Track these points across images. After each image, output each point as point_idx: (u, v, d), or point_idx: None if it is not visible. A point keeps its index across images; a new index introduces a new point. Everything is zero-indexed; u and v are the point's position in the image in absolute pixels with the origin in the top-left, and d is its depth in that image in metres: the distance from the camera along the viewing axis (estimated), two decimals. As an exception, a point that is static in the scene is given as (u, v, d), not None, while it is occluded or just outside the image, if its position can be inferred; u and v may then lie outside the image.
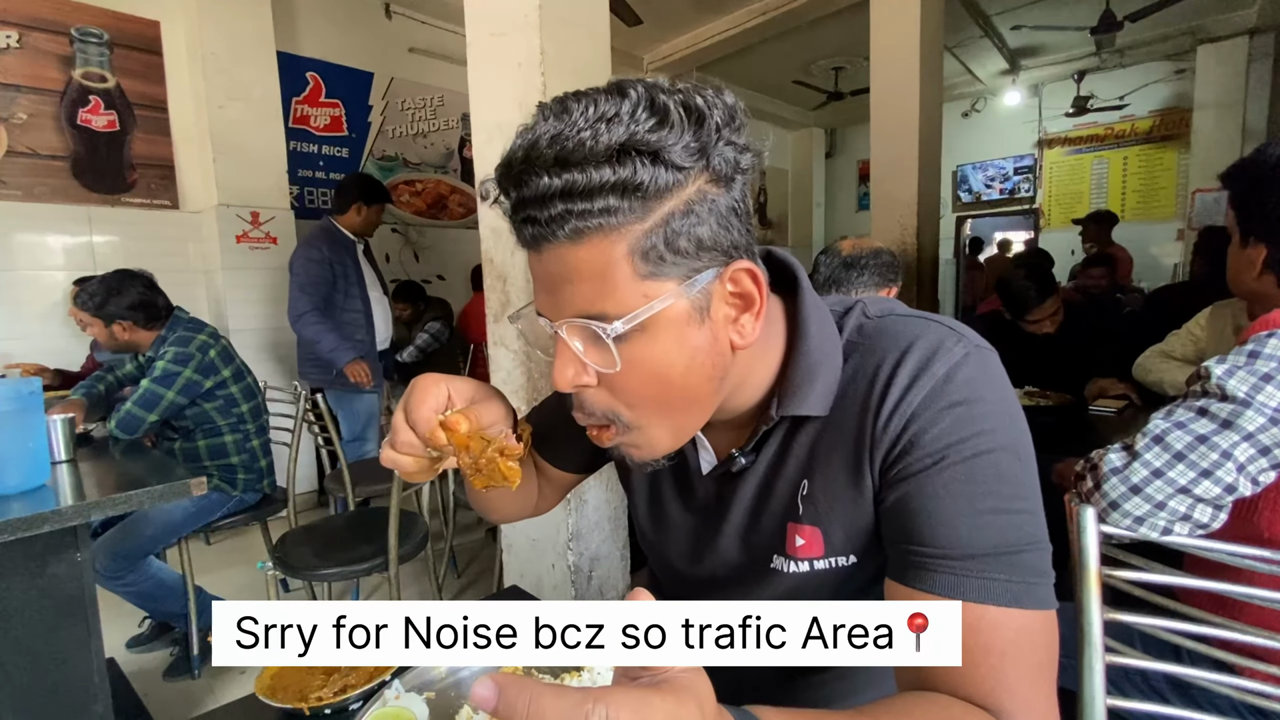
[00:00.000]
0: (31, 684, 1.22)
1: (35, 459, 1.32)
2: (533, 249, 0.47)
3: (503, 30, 1.64)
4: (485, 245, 1.80)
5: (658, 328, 0.46)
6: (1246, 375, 0.80)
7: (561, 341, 0.47)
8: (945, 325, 0.53)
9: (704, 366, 0.49)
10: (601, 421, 0.51)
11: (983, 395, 0.49)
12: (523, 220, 0.46)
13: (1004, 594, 0.46)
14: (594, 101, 0.43)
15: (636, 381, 0.48)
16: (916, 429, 0.49)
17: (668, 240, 0.45)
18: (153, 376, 1.93)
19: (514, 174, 0.45)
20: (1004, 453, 0.49)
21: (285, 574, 1.74)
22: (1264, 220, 0.97)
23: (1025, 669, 0.46)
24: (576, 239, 0.44)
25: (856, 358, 0.55)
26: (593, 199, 0.43)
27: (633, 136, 0.42)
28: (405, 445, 0.54)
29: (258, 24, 3.35)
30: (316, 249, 2.77)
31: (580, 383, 0.49)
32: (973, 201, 7.28)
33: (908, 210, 3.63)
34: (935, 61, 3.69)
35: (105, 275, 2.04)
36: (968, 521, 0.47)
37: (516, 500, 0.76)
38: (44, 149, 2.97)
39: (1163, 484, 0.81)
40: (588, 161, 0.42)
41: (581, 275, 0.45)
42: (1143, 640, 0.93)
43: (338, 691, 0.64)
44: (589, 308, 0.46)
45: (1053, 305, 2.15)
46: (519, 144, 0.44)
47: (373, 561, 1.71)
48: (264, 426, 2.24)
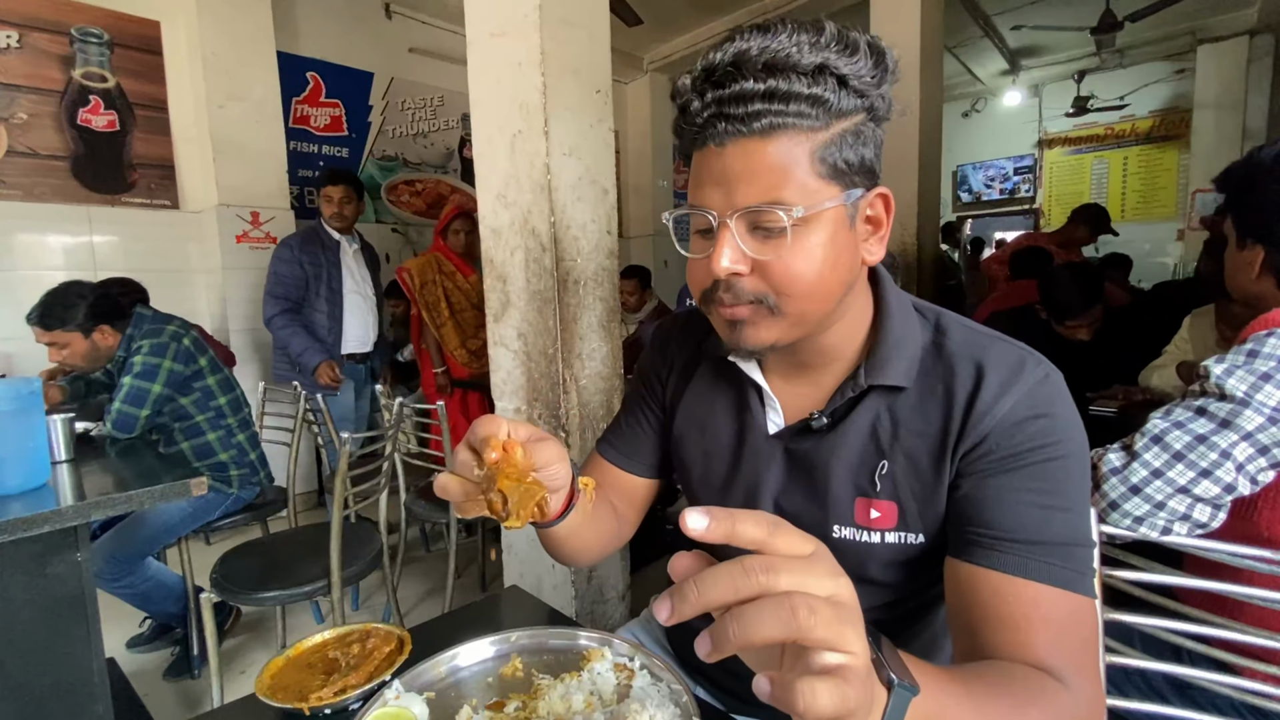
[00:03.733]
0: (31, 684, 1.22)
1: (35, 459, 1.32)
2: (716, 144, 0.53)
3: (503, 30, 1.64)
4: (485, 245, 1.80)
5: (820, 223, 0.54)
6: (1245, 374, 0.80)
7: (728, 230, 0.54)
8: (1023, 348, 0.61)
9: (842, 268, 0.57)
10: (748, 301, 0.56)
11: (1059, 411, 0.57)
12: (714, 116, 0.52)
13: (1060, 578, 0.52)
14: (798, 26, 0.51)
15: (794, 267, 0.54)
16: (1002, 431, 0.56)
17: (841, 152, 0.53)
18: (134, 373, 1.87)
19: (716, 77, 0.52)
20: (1072, 460, 0.56)
21: (223, 596, 1.59)
22: (1261, 222, 0.97)
23: (1079, 642, 0.52)
24: (768, 135, 0.52)
25: (945, 356, 0.61)
26: (788, 103, 0.51)
27: (828, 60, 0.51)
28: (460, 465, 0.54)
29: (258, 24, 3.35)
30: (287, 246, 2.77)
31: (736, 269, 0.54)
32: (973, 201, 7.28)
33: (908, 210, 3.63)
34: (935, 61, 3.70)
35: (52, 291, 1.89)
36: (1035, 514, 0.54)
37: (598, 537, 0.74)
38: (44, 149, 2.96)
39: (1162, 484, 0.81)
40: (791, 71, 0.50)
41: (768, 167, 0.52)
42: (1143, 640, 0.93)
43: (338, 691, 0.64)
44: (767, 196, 0.52)
45: (1095, 314, 2.03)
46: (723, 53, 0.52)
47: (317, 584, 1.60)
48: (246, 420, 2.18)
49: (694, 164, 0.57)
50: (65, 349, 1.89)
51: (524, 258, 1.68)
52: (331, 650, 0.73)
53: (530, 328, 1.70)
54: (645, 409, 0.81)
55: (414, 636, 0.73)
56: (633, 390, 0.83)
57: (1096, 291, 2.03)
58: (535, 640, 0.70)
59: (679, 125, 0.57)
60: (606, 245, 1.76)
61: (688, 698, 0.57)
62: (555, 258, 1.62)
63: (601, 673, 0.63)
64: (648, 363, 0.82)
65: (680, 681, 0.59)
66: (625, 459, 0.80)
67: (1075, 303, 2.02)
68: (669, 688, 0.60)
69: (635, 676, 0.63)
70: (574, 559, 0.75)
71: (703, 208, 0.55)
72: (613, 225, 1.79)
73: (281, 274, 2.75)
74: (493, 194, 1.75)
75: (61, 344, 1.89)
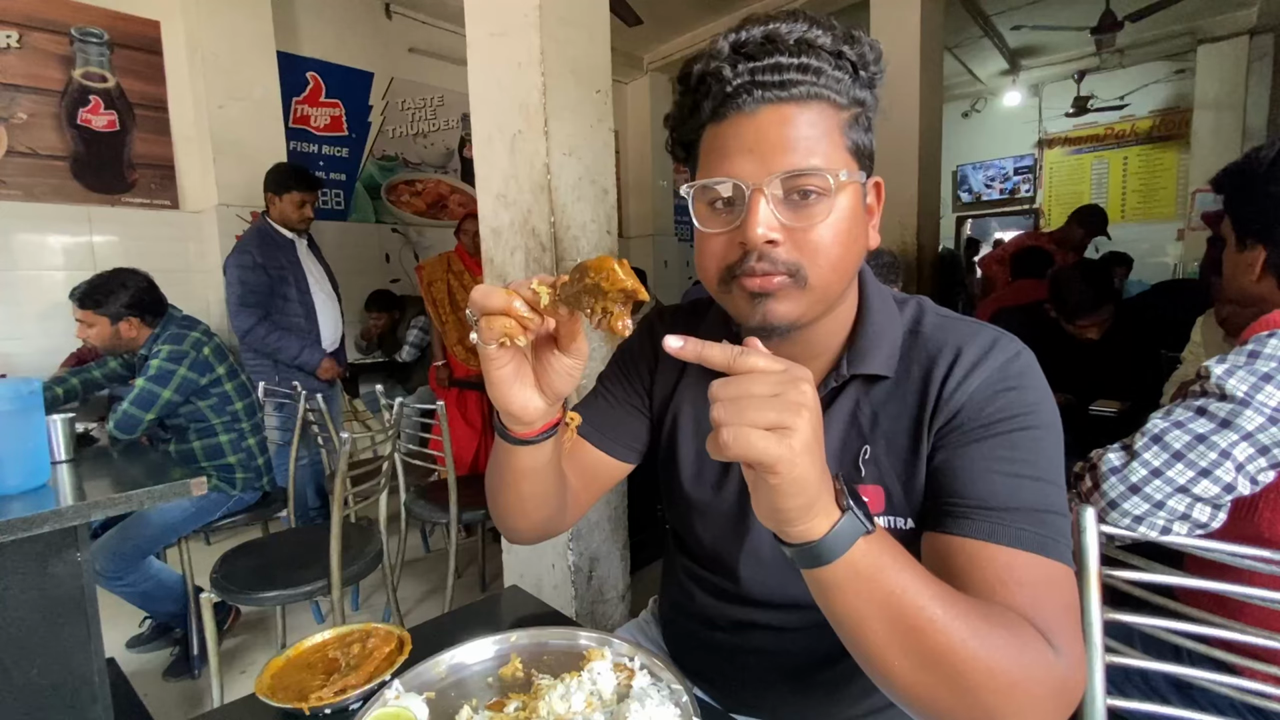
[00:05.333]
0: (31, 684, 1.22)
1: (35, 459, 1.32)
2: (749, 110, 0.54)
3: (503, 30, 1.64)
4: (485, 245, 1.80)
5: (849, 195, 0.56)
6: (1246, 375, 0.80)
7: (762, 196, 0.53)
8: (997, 330, 0.62)
9: (859, 246, 0.59)
10: (782, 271, 0.56)
11: (1032, 384, 0.58)
12: (748, 84, 0.53)
13: (1032, 542, 0.52)
14: (813, 19, 0.55)
15: (826, 235, 0.55)
16: (974, 403, 0.57)
17: (856, 134, 0.56)
18: (148, 375, 1.92)
19: (748, 50, 0.54)
20: (1043, 431, 0.56)
21: (223, 596, 1.60)
22: (1262, 222, 0.96)
23: (1060, 606, 0.50)
24: (804, 102, 0.53)
25: (921, 342, 0.63)
26: (819, 77, 0.53)
27: (843, 49, 0.54)
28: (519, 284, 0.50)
29: (258, 24, 3.35)
30: (247, 254, 2.63)
31: (771, 236, 0.54)
32: (973, 201, 7.28)
33: (908, 210, 3.63)
34: (935, 61, 3.69)
35: (103, 274, 2.00)
36: (1005, 481, 0.54)
37: (549, 495, 0.67)
38: (44, 149, 2.96)
39: (1161, 483, 0.81)
40: (820, 49, 0.54)
41: (805, 134, 0.53)
42: (1143, 640, 0.93)
43: (338, 691, 0.64)
44: (804, 162, 0.53)
45: (1105, 314, 2.03)
46: (754, 32, 0.54)
47: (316, 584, 1.61)
48: (259, 425, 2.23)
49: (713, 137, 0.57)
50: (92, 329, 2.00)
51: (524, 258, 1.68)
52: (331, 650, 0.73)
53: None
54: (628, 391, 0.79)
55: (414, 636, 0.73)
56: (611, 372, 0.81)
57: (1107, 290, 2.03)
58: (535, 640, 0.70)
59: (691, 103, 0.58)
60: (606, 245, 1.76)
61: (688, 698, 0.57)
62: (555, 258, 1.62)
63: (601, 673, 0.63)
64: (634, 347, 0.80)
65: (680, 681, 0.59)
66: (602, 436, 0.76)
67: (1086, 302, 2.02)
68: (669, 688, 0.60)
69: (635, 676, 0.63)
70: (517, 508, 0.67)
71: (733, 177, 0.55)
72: (613, 225, 1.79)
73: (249, 282, 2.61)
74: (493, 194, 1.75)
75: (89, 323, 1.99)
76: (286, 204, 2.72)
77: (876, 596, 0.44)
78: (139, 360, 2.05)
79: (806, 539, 0.43)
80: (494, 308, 0.48)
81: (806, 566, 0.45)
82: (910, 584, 0.44)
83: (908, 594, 0.44)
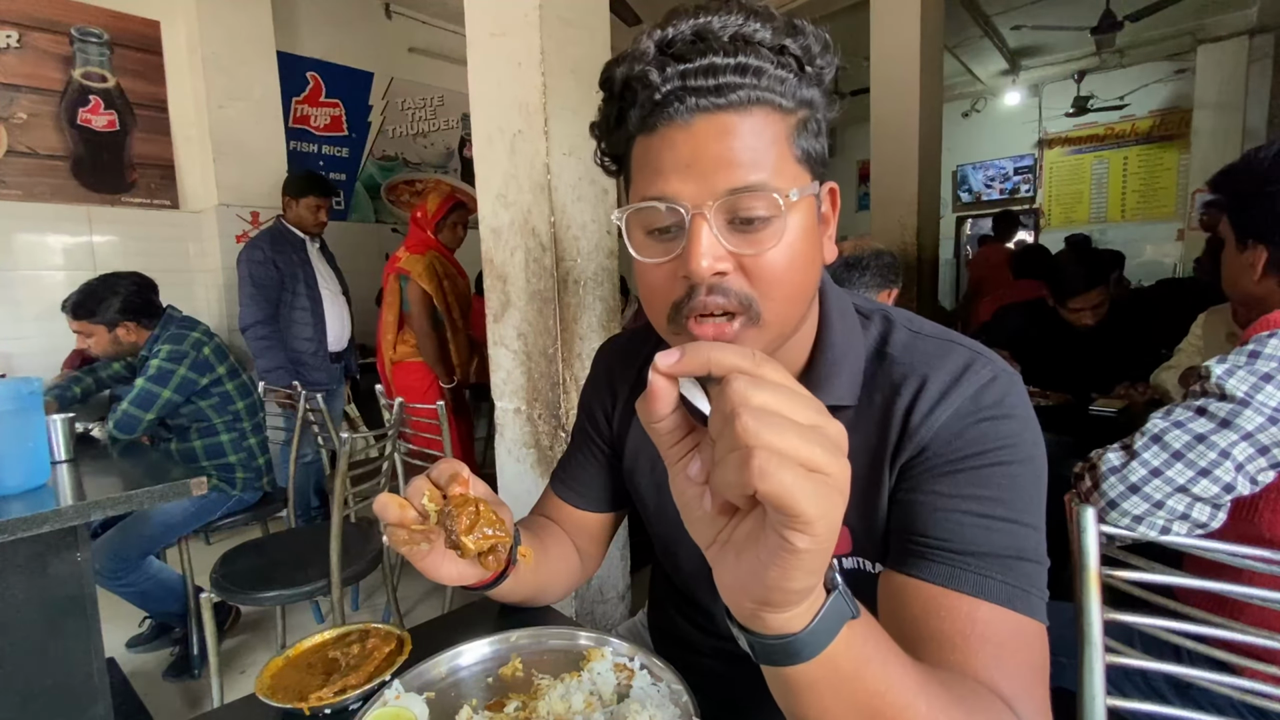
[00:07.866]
0: (31, 684, 1.22)
1: (35, 459, 1.32)
2: (682, 120, 0.46)
3: (503, 30, 1.64)
4: (485, 245, 1.80)
5: (802, 212, 0.49)
6: (1246, 375, 0.80)
7: (703, 224, 0.46)
8: (973, 349, 0.55)
9: (816, 266, 0.52)
10: (735, 306, 0.48)
11: (1008, 414, 0.51)
12: (678, 91, 0.45)
13: (999, 593, 0.47)
14: (748, 8, 0.46)
15: (780, 262, 0.48)
16: (940, 439, 0.51)
17: (806, 139, 0.49)
18: (147, 375, 1.92)
19: (677, 50, 0.46)
20: (1020, 466, 0.50)
21: (223, 596, 1.60)
22: (1263, 223, 0.96)
23: (1022, 664, 0.46)
24: (744, 109, 0.46)
25: (886, 367, 0.57)
26: (759, 78, 0.45)
27: (786, 43, 0.46)
28: (413, 491, 0.55)
29: (258, 24, 3.35)
30: (259, 249, 2.71)
31: (719, 268, 0.47)
32: (973, 201, 7.28)
33: (908, 210, 3.63)
34: (935, 61, 3.69)
35: (91, 282, 1.98)
36: (973, 521, 0.48)
37: (555, 579, 0.73)
38: (44, 149, 2.97)
39: (1161, 483, 0.81)
40: (759, 46, 0.45)
41: (749, 145, 0.46)
42: (1143, 640, 0.93)
43: (338, 691, 0.64)
44: (749, 178, 0.45)
45: (1098, 296, 2.03)
46: (681, 28, 0.46)
47: (316, 584, 1.61)
48: (260, 425, 2.23)
49: (644, 150, 0.49)
50: (91, 338, 2.02)
51: (524, 258, 1.68)
52: (331, 650, 0.73)
53: (530, 328, 1.70)
54: (591, 444, 0.77)
55: (414, 636, 0.73)
56: (579, 421, 0.80)
57: (1099, 271, 2.05)
58: (535, 640, 0.70)
59: (616, 111, 0.50)
60: (606, 245, 1.76)
61: (688, 697, 0.57)
62: (555, 258, 1.62)
63: (601, 673, 0.63)
64: (590, 394, 0.78)
65: (680, 681, 0.59)
66: (577, 496, 0.77)
67: (1078, 280, 2.04)
68: (669, 688, 0.60)
69: (635, 676, 0.63)
70: (530, 604, 0.74)
71: (670, 199, 0.47)
72: (612, 225, 1.79)
73: (259, 278, 2.68)
74: (493, 194, 1.75)
75: (87, 333, 2.01)
76: (303, 208, 2.81)
77: (858, 699, 0.37)
78: (139, 361, 2.06)
79: (783, 631, 0.34)
80: (390, 520, 0.52)
81: (773, 664, 0.36)
82: (896, 679, 0.37)
83: (892, 692, 0.37)
